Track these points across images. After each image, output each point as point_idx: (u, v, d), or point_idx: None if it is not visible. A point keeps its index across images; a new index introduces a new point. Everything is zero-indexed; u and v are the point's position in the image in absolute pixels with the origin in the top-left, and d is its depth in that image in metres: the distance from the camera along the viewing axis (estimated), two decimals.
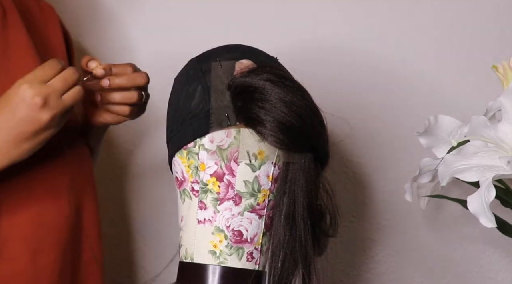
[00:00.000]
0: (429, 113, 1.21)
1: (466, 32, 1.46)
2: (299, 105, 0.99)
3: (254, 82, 0.99)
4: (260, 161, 1.01)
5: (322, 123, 1.02)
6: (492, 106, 1.15)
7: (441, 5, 1.45)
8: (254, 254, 1.03)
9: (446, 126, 1.19)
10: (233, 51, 1.05)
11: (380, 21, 1.46)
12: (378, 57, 1.46)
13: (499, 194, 1.14)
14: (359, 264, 1.51)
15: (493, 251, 1.51)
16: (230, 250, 1.02)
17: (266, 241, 1.03)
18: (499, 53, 1.43)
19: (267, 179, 1.02)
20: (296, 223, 1.01)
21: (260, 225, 1.03)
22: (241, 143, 1.01)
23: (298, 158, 1.01)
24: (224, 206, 1.01)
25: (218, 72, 1.02)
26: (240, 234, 1.02)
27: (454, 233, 1.50)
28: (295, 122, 0.99)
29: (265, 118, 0.98)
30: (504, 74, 1.14)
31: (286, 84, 1.00)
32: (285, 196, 1.01)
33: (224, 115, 1.01)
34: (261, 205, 1.02)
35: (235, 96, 1.01)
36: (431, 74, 1.47)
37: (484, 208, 1.03)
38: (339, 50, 1.46)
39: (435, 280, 1.51)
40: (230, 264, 1.01)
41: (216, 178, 1.01)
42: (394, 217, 1.50)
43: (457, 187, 1.42)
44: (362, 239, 1.50)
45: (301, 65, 1.04)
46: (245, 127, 1.00)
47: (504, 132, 1.09)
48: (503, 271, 1.51)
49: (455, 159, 1.09)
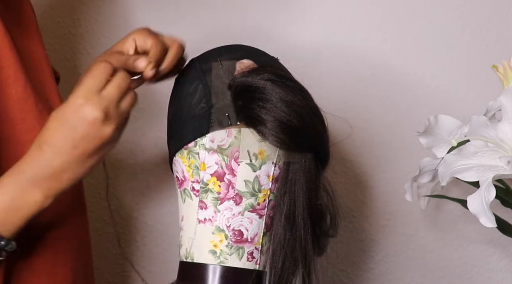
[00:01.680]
0: (429, 113, 1.21)
1: (466, 32, 1.46)
2: (300, 105, 1.00)
3: (255, 82, 1.00)
4: (260, 160, 1.01)
5: (322, 123, 1.03)
6: (492, 106, 1.15)
7: (441, 5, 1.45)
8: (255, 254, 1.03)
9: (446, 126, 1.19)
10: (234, 51, 1.05)
11: (380, 21, 1.46)
12: (378, 57, 1.46)
13: (499, 194, 1.15)
14: (359, 264, 1.51)
15: (493, 251, 1.51)
16: (231, 249, 1.02)
17: (267, 241, 1.03)
18: (499, 53, 1.44)
19: (268, 179, 1.02)
20: (297, 223, 1.01)
21: (260, 225, 1.03)
22: (241, 142, 1.01)
23: (298, 158, 1.01)
24: (225, 206, 1.01)
25: (219, 72, 1.02)
26: (240, 233, 1.02)
27: (454, 233, 1.50)
28: (295, 121, 0.99)
29: (266, 117, 0.99)
30: (504, 73, 1.15)
31: (287, 84, 1.00)
32: (286, 196, 1.02)
33: (225, 115, 1.01)
34: (262, 205, 1.02)
35: (236, 95, 1.01)
36: (431, 74, 1.47)
37: (484, 208, 1.03)
38: (339, 50, 1.46)
39: (435, 280, 1.51)
40: (231, 263, 1.02)
41: (216, 177, 1.01)
42: (394, 217, 1.50)
43: (457, 187, 1.42)
44: (362, 239, 1.50)
45: (301, 65, 1.04)
46: (246, 126, 1.01)
47: (504, 132, 1.09)
48: (503, 271, 1.51)
49: (455, 159, 1.09)
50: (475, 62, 1.46)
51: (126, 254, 1.51)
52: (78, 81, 0.98)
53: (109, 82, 0.92)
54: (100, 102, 0.90)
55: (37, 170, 0.90)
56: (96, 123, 0.90)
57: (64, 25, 1.46)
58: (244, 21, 1.45)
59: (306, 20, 1.46)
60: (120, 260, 1.51)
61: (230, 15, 1.46)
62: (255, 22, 1.46)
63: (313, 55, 1.46)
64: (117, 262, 1.50)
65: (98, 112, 0.89)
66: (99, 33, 1.46)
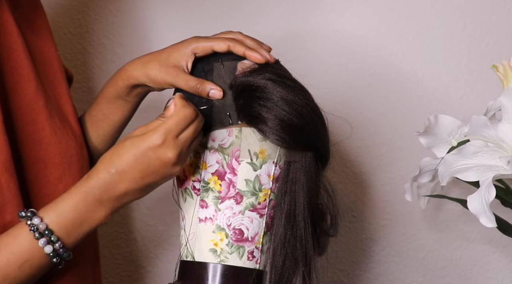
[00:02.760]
0: (429, 113, 1.21)
1: (466, 32, 1.46)
2: (300, 104, 1.00)
3: (256, 81, 1.00)
4: (261, 160, 1.01)
5: (323, 123, 1.03)
6: (492, 106, 1.15)
7: (441, 5, 1.45)
8: (255, 253, 1.03)
9: (446, 126, 1.19)
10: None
11: (380, 20, 1.46)
12: (378, 57, 1.46)
13: (499, 194, 1.14)
14: (359, 264, 1.51)
15: (493, 251, 1.51)
16: (231, 248, 1.02)
17: (267, 240, 1.03)
18: (499, 53, 1.44)
19: (268, 179, 1.02)
20: (297, 223, 1.02)
21: (261, 224, 1.03)
22: (242, 141, 1.01)
23: (299, 157, 1.02)
24: (225, 205, 1.02)
25: (220, 72, 1.03)
26: (241, 232, 1.02)
27: (454, 233, 1.50)
28: (296, 120, 0.99)
29: (266, 116, 0.99)
30: (504, 73, 1.14)
31: (288, 84, 1.01)
32: (286, 196, 1.02)
33: (226, 114, 1.01)
34: (262, 204, 1.02)
35: (237, 94, 1.01)
36: (431, 74, 1.47)
37: (484, 208, 1.03)
38: (339, 50, 1.46)
39: (435, 280, 1.51)
40: (231, 262, 1.02)
41: (217, 176, 1.01)
42: (394, 217, 1.50)
43: (457, 187, 1.42)
44: (362, 239, 1.50)
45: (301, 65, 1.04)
46: (247, 126, 1.01)
47: (504, 132, 1.08)
48: (503, 270, 1.51)
49: (455, 158, 1.09)
50: (475, 62, 1.46)
51: (126, 254, 1.51)
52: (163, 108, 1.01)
53: (188, 127, 0.98)
54: (176, 146, 0.96)
55: (105, 193, 0.97)
56: (168, 164, 0.96)
57: (64, 25, 1.46)
58: (244, 21, 1.45)
59: (306, 20, 1.46)
60: (120, 260, 1.51)
61: (230, 15, 1.46)
62: (256, 23, 1.46)
63: (313, 55, 1.46)
64: (117, 262, 1.50)
65: (173, 156, 0.96)
66: (99, 33, 1.46)
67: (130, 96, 1.11)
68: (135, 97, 1.12)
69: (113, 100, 1.13)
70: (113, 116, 1.14)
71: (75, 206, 0.96)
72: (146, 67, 1.06)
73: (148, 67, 1.06)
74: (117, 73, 1.10)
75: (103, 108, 1.14)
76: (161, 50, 1.07)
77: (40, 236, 0.94)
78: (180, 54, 1.05)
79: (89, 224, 0.97)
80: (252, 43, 1.05)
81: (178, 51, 1.05)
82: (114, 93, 1.12)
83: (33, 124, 1.02)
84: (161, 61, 1.05)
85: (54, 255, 0.95)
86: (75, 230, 0.96)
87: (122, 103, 1.13)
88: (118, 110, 1.14)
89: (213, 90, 1.02)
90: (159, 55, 1.06)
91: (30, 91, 1.02)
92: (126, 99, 1.12)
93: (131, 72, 1.08)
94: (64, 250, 0.95)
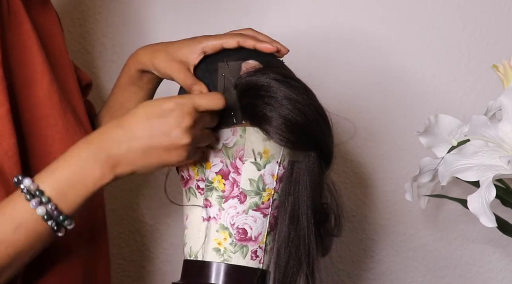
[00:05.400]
0: (429, 113, 1.21)
1: (466, 32, 1.46)
2: (304, 103, 1.00)
3: (260, 80, 1.00)
4: (265, 159, 1.01)
5: (327, 123, 1.03)
6: (492, 106, 1.15)
7: (441, 5, 1.46)
8: (258, 253, 1.03)
9: (446, 126, 1.19)
10: (239, 51, 1.05)
11: (381, 20, 1.46)
12: (379, 57, 1.47)
13: (500, 194, 1.14)
14: (359, 264, 1.51)
15: (493, 251, 1.51)
16: (235, 248, 1.02)
17: (271, 240, 1.03)
18: (499, 53, 1.44)
19: (272, 178, 1.02)
20: (301, 223, 1.02)
21: (264, 224, 1.03)
22: (246, 141, 1.01)
23: (302, 157, 1.02)
24: (229, 204, 1.02)
25: (225, 72, 1.03)
26: (244, 232, 1.02)
27: (454, 233, 1.50)
28: (300, 119, 0.99)
29: (270, 115, 0.99)
30: (504, 73, 1.15)
31: (292, 84, 1.01)
32: (290, 196, 1.02)
33: (230, 113, 1.01)
34: (266, 204, 1.02)
35: (241, 94, 1.01)
36: (431, 74, 1.47)
37: (485, 208, 1.03)
38: (338, 50, 1.47)
39: (435, 280, 1.51)
40: (234, 262, 1.02)
41: (221, 176, 1.02)
42: (394, 217, 1.50)
43: (457, 186, 1.42)
44: (362, 239, 1.51)
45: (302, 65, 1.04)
46: (251, 125, 1.01)
47: (504, 132, 1.09)
48: (503, 270, 1.51)
49: (455, 158, 1.09)
50: (475, 62, 1.46)
51: (127, 255, 1.51)
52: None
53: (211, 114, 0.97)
54: (192, 116, 0.94)
55: (104, 146, 0.92)
56: (179, 129, 0.93)
57: (64, 25, 1.45)
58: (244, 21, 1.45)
59: (307, 20, 1.46)
60: (120, 260, 1.51)
61: (231, 14, 1.46)
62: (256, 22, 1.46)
63: (313, 56, 1.46)
64: (117, 262, 1.50)
65: (188, 122, 0.93)
66: (99, 33, 1.46)
67: (142, 81, 1.13)
68: (147, 83, 1.13)
69: (127, 87, 1.14)
70: (129, 104, 1.15)
71: (68, 163, 0.92)
72: (153, 56, 1.07)
73: (155, 55, 1.07)
74: (129, 58, 1.12)
75: (119, 97, 1.16)
76: (172, 42, 1.08)
77: (31, 197, 0.89)
78: (188, 50, 1.05)
79: (83, 184, 0.91)
80: (263, 38, 1.06)
81: (187, 47, 1.06)
82: (128, 79, 1.13)
83: (44, 119, 1.01)
84: (169, 54, 1.06)
85: (48, 218, 0.90)
86: (69, 190, 0.91)
87: (136, 90, 1.14)
88: (132, 97, 1.15)
89: None
90: (169, 46, 1.07)
91: (44, 87, 1.01)
92: (138, 85, 1.13)
93: (140, 56, 1.09)
94: (59, 213, 0.90)
